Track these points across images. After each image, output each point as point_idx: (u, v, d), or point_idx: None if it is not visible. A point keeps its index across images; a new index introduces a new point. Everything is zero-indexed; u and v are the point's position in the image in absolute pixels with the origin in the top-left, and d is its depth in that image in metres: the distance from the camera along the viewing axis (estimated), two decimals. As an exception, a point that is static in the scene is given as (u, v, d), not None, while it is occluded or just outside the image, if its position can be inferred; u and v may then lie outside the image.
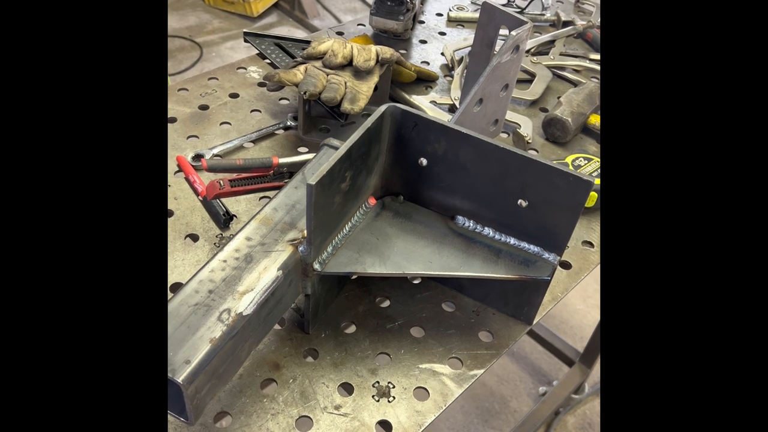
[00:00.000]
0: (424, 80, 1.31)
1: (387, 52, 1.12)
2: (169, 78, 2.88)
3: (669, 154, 0.54)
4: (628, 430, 0.52)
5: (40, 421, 0.46)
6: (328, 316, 0.84)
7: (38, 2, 0.51)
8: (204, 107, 1.17)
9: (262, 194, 0.99)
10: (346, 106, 1.03)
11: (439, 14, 1.59)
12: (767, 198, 0.50)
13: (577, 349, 2.06)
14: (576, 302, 2.39)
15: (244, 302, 0.67)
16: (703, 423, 0.50)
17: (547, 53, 1.43)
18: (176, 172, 1.02)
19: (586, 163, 1.08)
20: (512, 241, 0.82)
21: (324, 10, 3.84)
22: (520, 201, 0.77)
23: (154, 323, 0.51)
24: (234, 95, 1.21)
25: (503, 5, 1.29)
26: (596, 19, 1.57)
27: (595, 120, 1.21)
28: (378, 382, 0.77)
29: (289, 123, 1.15)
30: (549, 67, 1.37)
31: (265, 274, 0.70)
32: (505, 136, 1.19)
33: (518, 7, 1.60)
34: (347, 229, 0.80)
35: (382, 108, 0.76)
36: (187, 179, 0.99)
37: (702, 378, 0.50)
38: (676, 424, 0.50)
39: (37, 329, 0.47)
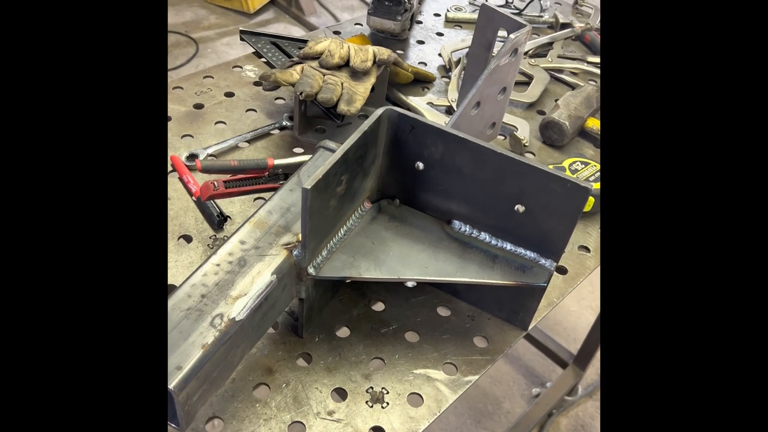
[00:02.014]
0: (421, 81, 1.30)
1: (384, 52, 1.11)
2: (164, 74, 2.85)
3: (670, 157, 0.54)
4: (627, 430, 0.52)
5: (40, 424, 0.45)
6: (322, 319, 0.83)
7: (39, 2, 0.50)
8: (199, 106, 1.16)
9: (256, 195, 0.98)
10: (342, 107, 1.02)
11: (437, 15, 1.58)
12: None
13: (571, 350, 2.06)
14: (570, 304, 2.39)
15: (237, 307, 0.66)
16: (703, 423, 0.49)
17: (545, 55, 1.42)
18: (170, 172, 1.01)
19: (583, 167, 1.08)
20: (509, 246, 0.81)
21: (321, 7, 3.82)
22: (517, 206, 0.77)
23: (154, 331, 0.50)
24: (229, 94, 1.20)
25: (501, 6, 1.29)
26: (594, 22, 1.56)
27: (593, 123, 1.20)
28: (372, 387, 0.77)
29: (284, 123, 1.14)
30: (547, 69, 1.37)
31: (259, 278, 0.69)
32: (501, 138, 1.18)
33: (516, 9, 1.59)
34: (342, 232, 0.79)
35: (379, 111, 0.75)
36: (180, 179, 0.98)
37: (702, 379, 0.50)
38: (676, 425, 0.50)
39: (37, 332, 0.46)
